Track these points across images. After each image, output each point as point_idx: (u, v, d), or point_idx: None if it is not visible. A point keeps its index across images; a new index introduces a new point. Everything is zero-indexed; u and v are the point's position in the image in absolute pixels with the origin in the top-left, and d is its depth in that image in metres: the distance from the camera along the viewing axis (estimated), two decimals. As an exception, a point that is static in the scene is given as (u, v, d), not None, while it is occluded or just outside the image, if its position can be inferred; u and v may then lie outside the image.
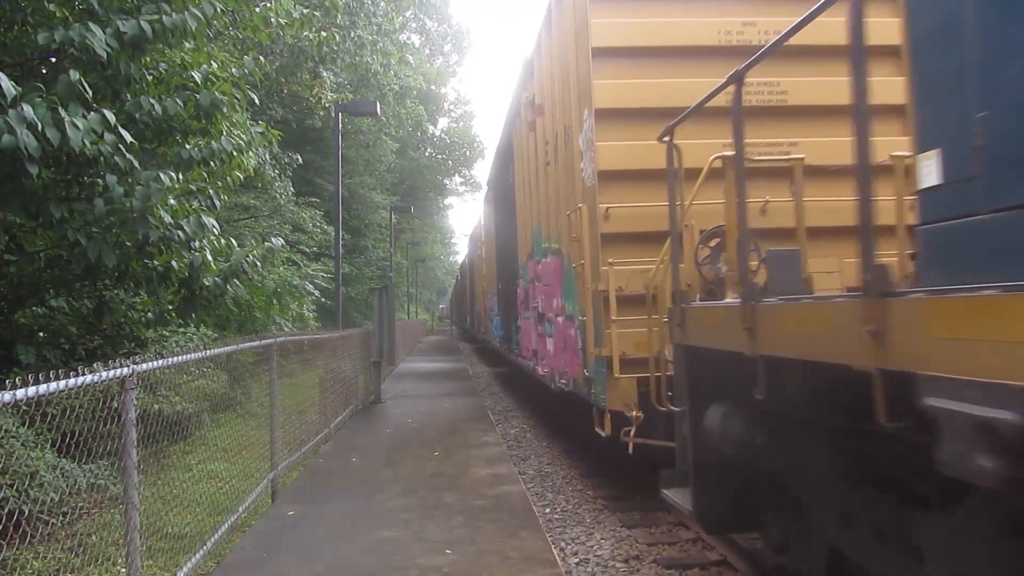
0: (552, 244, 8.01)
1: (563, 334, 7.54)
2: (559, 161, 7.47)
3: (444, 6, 43.50)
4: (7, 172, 5.62)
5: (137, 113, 6.62)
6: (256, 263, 8.62)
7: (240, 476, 6.69)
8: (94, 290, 8.23)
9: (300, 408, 8.75)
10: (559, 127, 7.37)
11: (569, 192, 6.91)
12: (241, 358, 8.57)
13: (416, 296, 55.62)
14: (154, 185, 6.49)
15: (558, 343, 7.88)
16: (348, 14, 18.33)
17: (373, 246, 28.71)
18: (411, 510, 6.10)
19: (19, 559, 4.86)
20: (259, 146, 10.91)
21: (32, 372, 3.40)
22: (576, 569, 5.24)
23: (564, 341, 7.50)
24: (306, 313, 16.42)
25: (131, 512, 3.99)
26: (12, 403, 2.97)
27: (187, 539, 5.32)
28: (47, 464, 5.56)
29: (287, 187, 18.55)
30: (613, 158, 5.99)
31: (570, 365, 7.19)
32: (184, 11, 6.69)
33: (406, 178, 41.21)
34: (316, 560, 4.93)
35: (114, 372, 3.82)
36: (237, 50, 12.80)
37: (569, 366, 7.23)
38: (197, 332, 9.69)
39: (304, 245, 20.13)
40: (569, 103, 6.89)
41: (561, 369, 7.74)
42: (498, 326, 15.52)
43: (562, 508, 6.80)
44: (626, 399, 5.74)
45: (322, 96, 19.37)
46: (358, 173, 27.48)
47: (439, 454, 8.40)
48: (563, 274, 7.45)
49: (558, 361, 7.92)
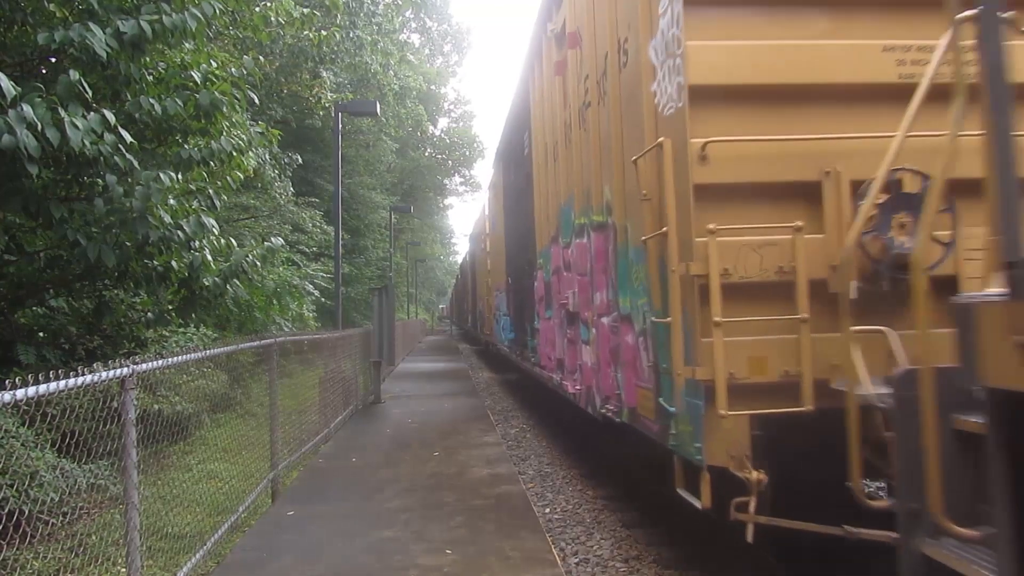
0: (594, 217, 6.06)
1: (612, 341, 5.65)
2: (608, 96, 5.52)
3: (444, 6, 43.52)
4: (7, 172, 5.61)
5: (137, 113, 6.62)
6: (256, 263, 8.62)
7: (240, 476, 6.69)
8: (94, 290, 8.23)
9: (300, 408, 8.75)
10: (609, 47, 5.45)
11: (633, 131, 4.89)
12: (241, 358, 8.59)
13: (416, 296, 55.61)
14: (154, 185, 6.49)
15: (602, 353, 5.95)
16: (348, 14, 18.33)
17: (373, 246, 28.71)
18: (411, 510, 6.10)
19: (19, 559, 4.86)
20: (259, 146, 10.90)
21: (32, 372, 3.40)
22: (576, 569, 5.24)
23: (615, 351, 5.57)
24: (306, 313, 16.42)
25: (131, 512, 3.99)
26: (12, 403, 2.97)
27: (187, 539, 5.32)
28: (47, 464, 5.56)
29: (287, 187, 18.54)
30: (713, 66, 3.95)
31: (626, 387, 5.25)
32: (184, 11, 6.69)
33: (406, 178, 41.20)
34: (316, 560, 4.93)
35: (114, 372, 3.82)
36: (237, 50, 12.80)
37: (625, 388, 5.27)
38: (197, 332, 9.69)
39: (304, 245, 20.12)
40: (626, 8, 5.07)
41: (607, 390, 5.82)
42: (507, 328, 13.67)
43: (562, 508, 6.80)
44: (737, 449, 3.68)
45: (322, 96, 19.36)
46: (358, 173, 27.47)
47: (439, 454, 8.40)
48: (614, 256, 5.49)
49: (603, 379, 5.94)
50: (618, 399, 5.52)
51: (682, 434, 4.11)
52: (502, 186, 14.00)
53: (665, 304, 4.17)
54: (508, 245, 13.11)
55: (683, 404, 4.02)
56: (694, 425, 3.89)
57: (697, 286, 3.82)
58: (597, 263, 6.01)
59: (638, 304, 4.87)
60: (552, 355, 8.36)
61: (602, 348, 5.92)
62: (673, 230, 4.01)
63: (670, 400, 4.22)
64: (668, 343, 4.10)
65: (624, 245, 5.20)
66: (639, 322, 4.86)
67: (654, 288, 4.44)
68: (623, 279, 5.27)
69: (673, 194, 4.01)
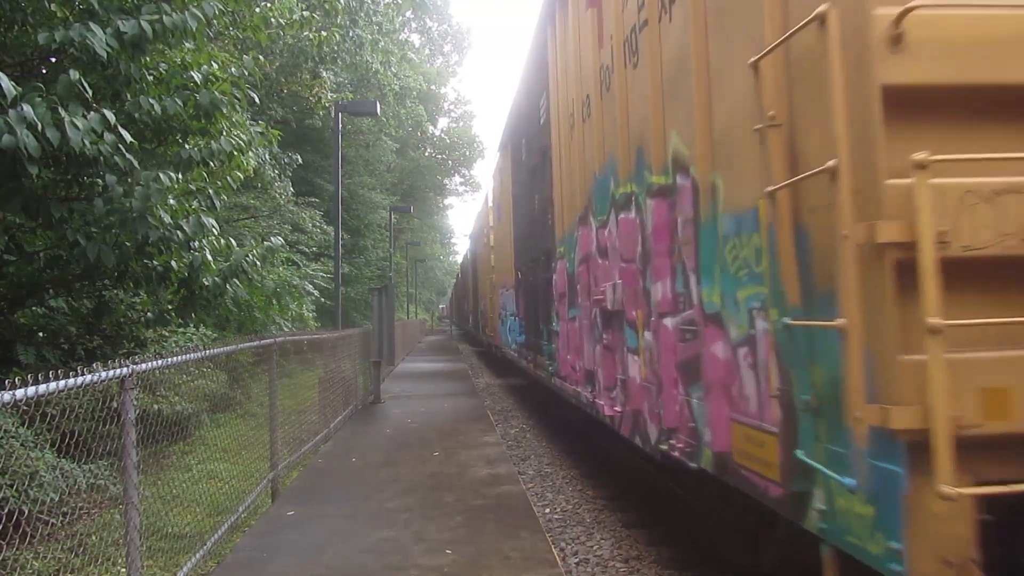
0: (652, 180, 4.46)
1: (683, 351, 4.06)
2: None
3: (444, 6, 43.55)
4: (7, 172, 5.61)
5: (137, 113, 6.62)
6: (256, 262, 8.63)
7: (240, 476, 6.69)
8: (94, 290, 8.24)
9: (300, 408, 8.75)
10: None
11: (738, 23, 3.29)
12: (241, 358, 8.59)
13: (416, 296, 55.63)
14: (154, 185, 6.50)
15: (664, 367, 4.28)
16: (348, 13, 18.35)
17: (373, 246, 28.73)
18: (411, 510, 6.10)
19: (19, 559, 4.86)
20: (259, 146, 10.92)
21: (32, 372, 3.40)
22: (576, 569, 5.24)
23: (688, 365, 3.99)
24: (306, 313, 16.44)
25: (131, 512, 3.99)
26: (12, 403, 2.97)
27: (187, 539, 5.33)
28: (47, 464, 5.56)
29: (287, 187, 18.57)
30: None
31: (712, 420, 3.59)
32: (184, 11, 6.69)
33: (406, 178, 41.24)
34: (316, 560, 4.93)
35: (114, 372, 3.82)
36: (237, 50, 12.80)
37: (711, 421, 3.60)
38: (197, 332, 9.70)
39: (304, 245, 20.14)
40: None
41: (672, 419, 4.19)
42: (515, 329, 12.12)
43: (562, 508, 6.80)
44: (958, 549, 2.27)
45: (322, 96, 19.39)
46: (358, 173, 27.50)
47: (439, 454, 8.40)
48: (691, 230, 3.86)
49: (665, 403, 4.26)
50: (693, 434, 3.88)
51: (848, 516, 2.52)
52: (510, 171, 12.51)
53: (813, 296, 2.71)
54: (517, 236, 11.67)
55: (865, 470, 2.41)
56: (883, 507, 2.34)
57: (891, 263, 2.32)
58: (657, 242, 4.37)
59: (738, 298, 3.31)
60: (578, 364, 6.82)
61: (664, 360, 4.29)
62: (845, 165, 2.43)
63: (819, 454, 2.68)
64: (816, 359, 2.68)
65: (711, 210, 3.56)
66: (739, 324, 3.31)
67: (786, 270, 2.84)
68: (709, 262, 3.62)
69: (843, 105, 2.44)
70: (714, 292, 3.58)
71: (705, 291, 3.70)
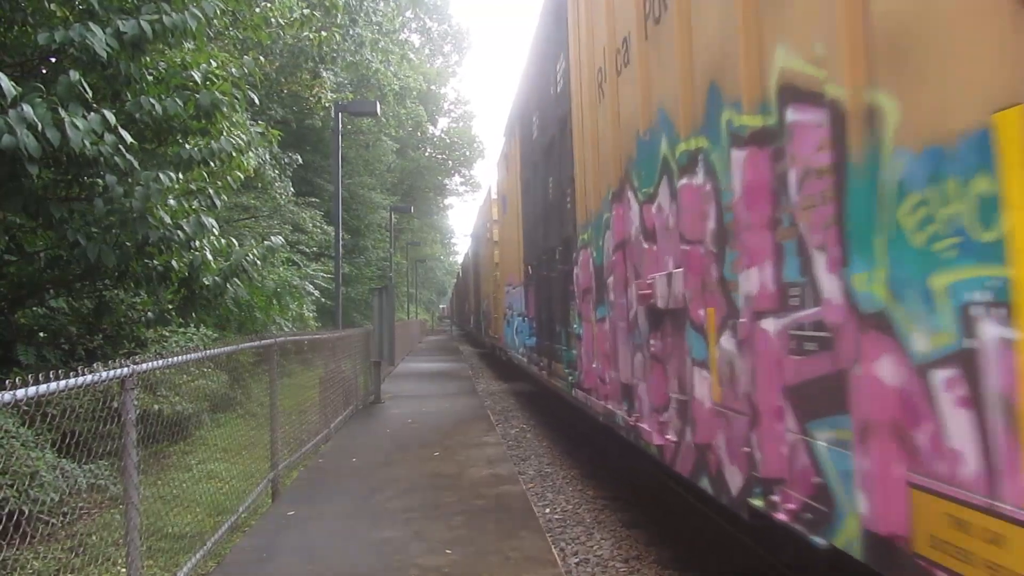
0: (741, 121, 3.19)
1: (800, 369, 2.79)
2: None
3: (444, 6, 43.59)
4: (7, 172, 5.62)
5: (137, 113, 6.63)
6: (256, 262, 8.63)
7: (240, 476, 6.70)
8: (94, 290, 8.25)
9: (300, 408, 8.75)
10: None
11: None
12: (241, 358, 8.59)
13: (416, 296, 55.66)
14: (154, 185, 6.50)
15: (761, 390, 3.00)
16: (348, 12, 18.36)
17: (373, 246, 28.76)
18: (411, 510, 6.10)
19: (19, 559, 4.86)
20: (259, 146, 10.93)
21: (32, 372, 3.40)
22: (576, 569, 5.24)
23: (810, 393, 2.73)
24: (306, 313, 16.46)
25: (131, 512, 3.99)
26: (12, 403, 2.97)
27: (187, 539, 5.33)
28: (47, 464, 5.57)
29: (287, 187, 18.58)
30: None
31: (874, 484, 2.27)
32: (184, 11, 6.70)
33: (406, 178, 41.27)
34: (316, 560, 4.93)
35: (114, 372, 3.82)
36: (237, 50, 12.81)
37: (872, 486, 2.28)
38: (197, 332, 9.71)
39: (304, 245, 20.16)
40: None
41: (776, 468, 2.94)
42: (524, 331, 10.83)
43: (562, 508, 6.80)
44: None
45: (322, 96, 19.42)
46: (358, 173, 27.53)
47: (439, 454, 8.40)
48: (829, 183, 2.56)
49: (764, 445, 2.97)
50: (820, 495, 2.62)
51: None
52: (518, 156, 11.13)
53: None
54: (527, 228, 10.39)
55: None
56: None
57: None
58: (751, 210, 3.10)
59: (933, 286, 2.06)
60: (610, 376, 5.60)
61: (761, 379, 3.01)
62: None
63: None
64: None
65: (870, 148, 2.33)
66: (935, 331, 2.06)
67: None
68: (864, 230, 2.37)
69: None
70: (876, 279, 2.32)
71: (857, 278, 2.43)
